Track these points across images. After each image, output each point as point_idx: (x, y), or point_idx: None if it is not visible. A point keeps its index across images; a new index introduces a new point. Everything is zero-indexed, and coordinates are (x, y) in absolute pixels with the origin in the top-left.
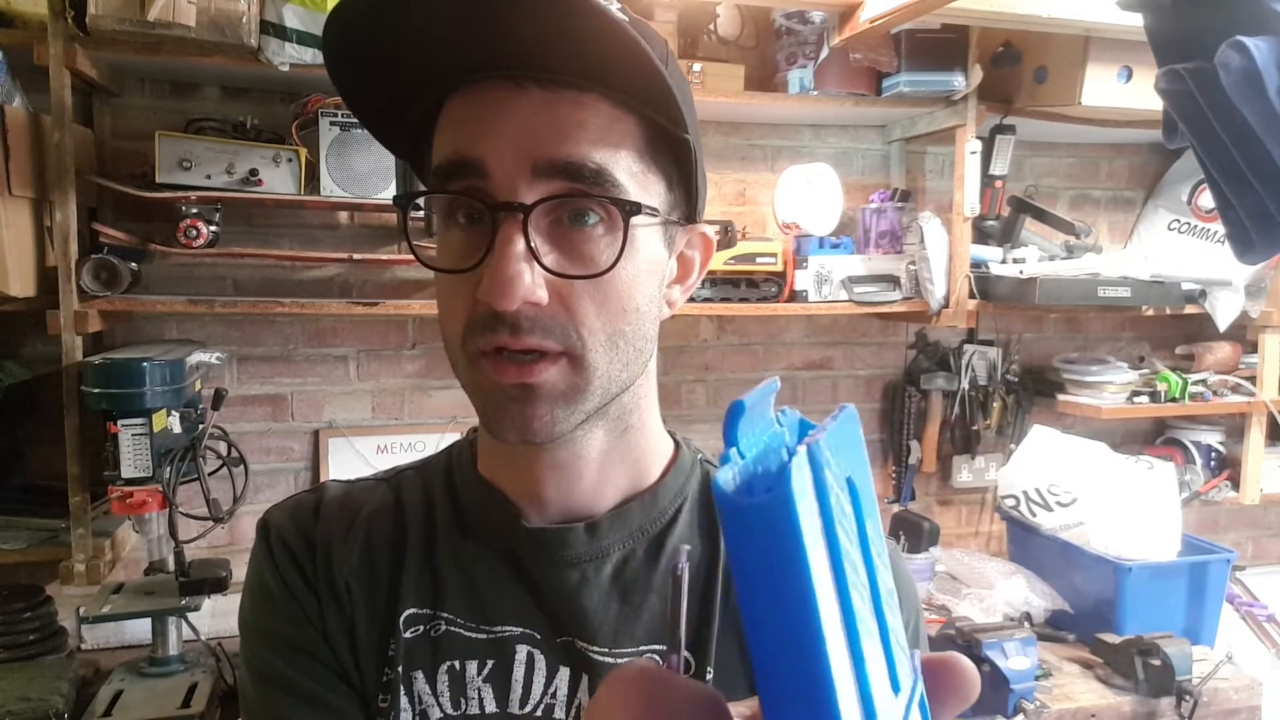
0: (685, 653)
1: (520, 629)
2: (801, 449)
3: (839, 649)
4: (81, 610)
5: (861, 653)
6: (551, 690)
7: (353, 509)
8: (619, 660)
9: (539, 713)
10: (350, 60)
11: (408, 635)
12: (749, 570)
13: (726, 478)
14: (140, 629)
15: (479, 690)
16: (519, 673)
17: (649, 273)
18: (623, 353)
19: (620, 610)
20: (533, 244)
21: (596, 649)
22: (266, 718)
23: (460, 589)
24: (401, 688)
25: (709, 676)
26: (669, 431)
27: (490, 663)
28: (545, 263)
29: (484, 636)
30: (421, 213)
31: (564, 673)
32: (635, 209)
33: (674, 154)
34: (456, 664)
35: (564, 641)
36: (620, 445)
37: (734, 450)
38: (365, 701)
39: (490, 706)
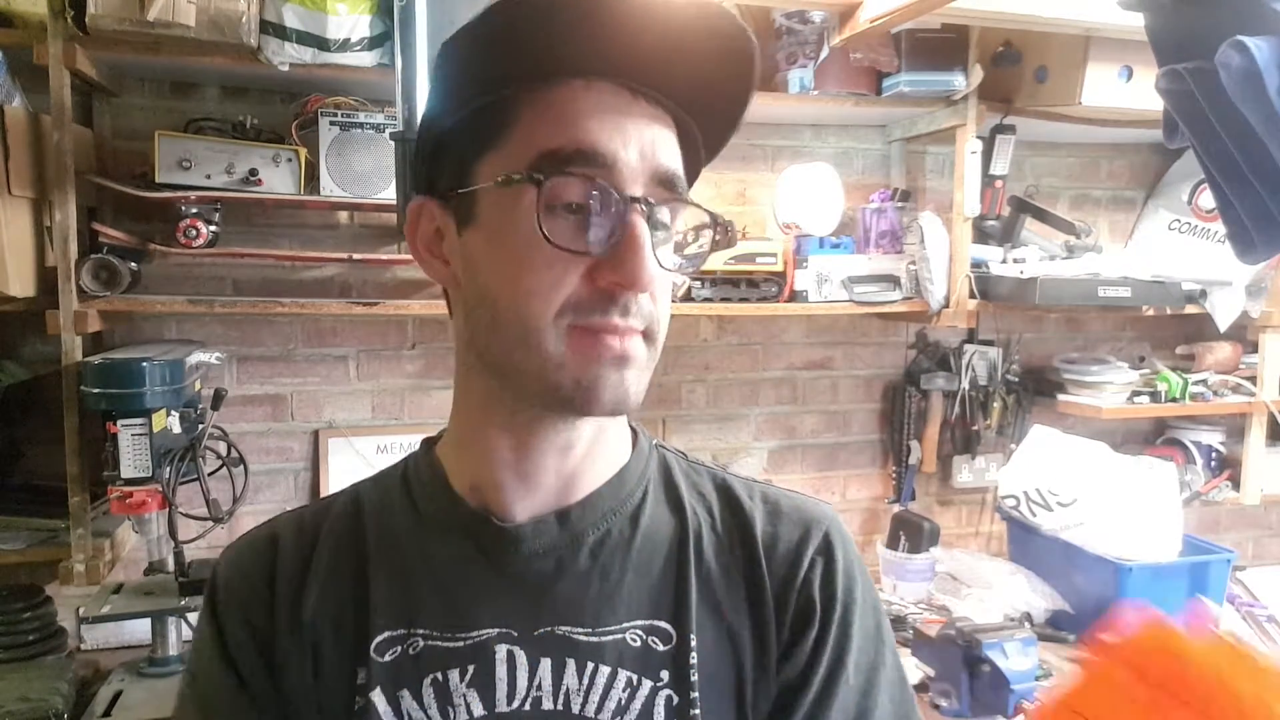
0: (668, 625)
1: (496, 629)
2: None
3: None
4: (81, 610)
5: None
6: (536, 683)
7: (308, 541)
8: (604, 640)
9: (527, 707)
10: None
11: (386, 659)
12: None
13: None
14: (140, 629)
15: (464, 696)
16: (501, 671)
17: None
18: (661, 343)
19: (600, 590)
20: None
21: (581, 631)
22: None
23: (431, 600)
24: (389, 710)
25: (692, 643)
26: (629, 423)
27: (471, 667)
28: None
29: (461, 644)
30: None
31: (546, 664)
32: (727, 225)
33: None
34: (439, 675)
35: (543, 633)
36: (605, 433)
37: None
38: None
39: (478, 709)
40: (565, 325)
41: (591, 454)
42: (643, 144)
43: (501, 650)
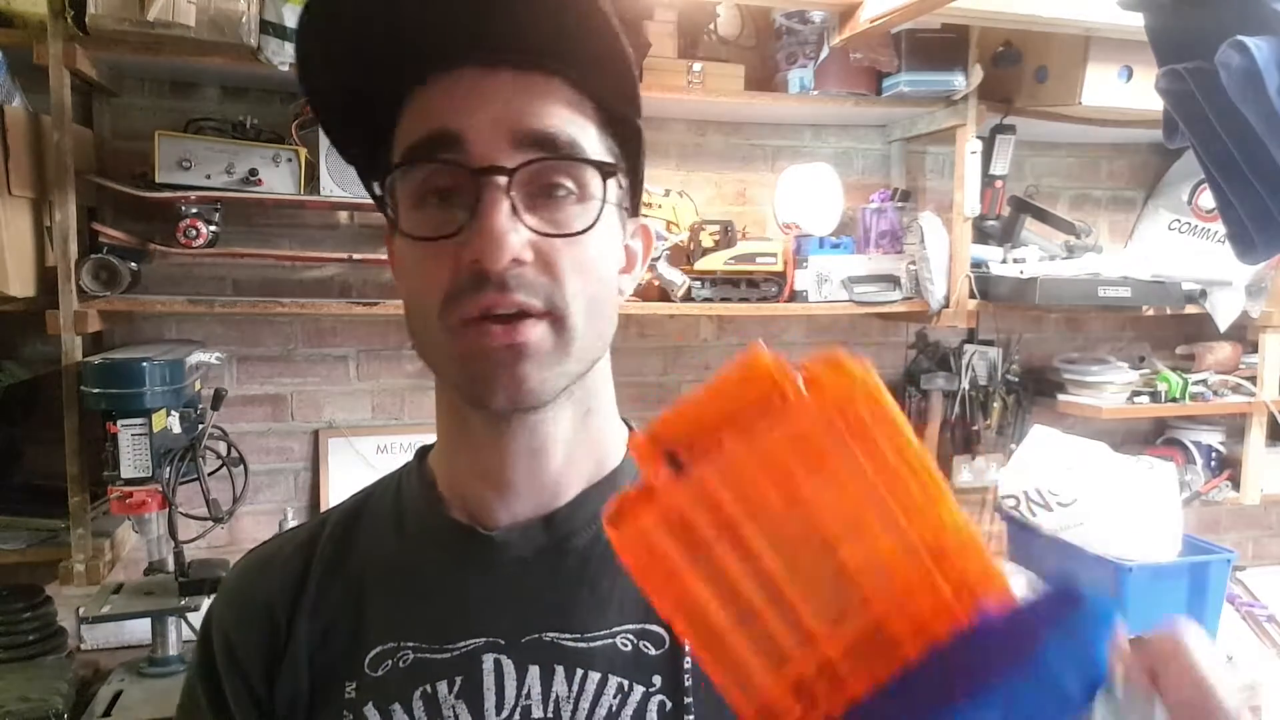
0: (660, 628)
1: (484, 639)
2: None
3: None
4: (81, 610)
5: None
6: (524, 692)
7: (303, 563)
8: (594, 646)
9: (516, 716)
10: (320, 53)
11: (378, 674)
12: None
13: None
14: (140, 629)
15: (453, 708)
16: (489, 682)
17: (612, 248)
18: (596, 321)
19: (589, 595)
20: (516, 206)
21: (569, 637)
22: None
23: (420, 611)
24: None
25: (686, 647)
26: (622, 418)
27: (459, 679)
28: (528, 224)
29: (449, 655)
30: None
31: (534, 671)
32: (612, 170)
33: (623, 143)
34: (429, 687)
35: (531, 640)
36: (584, 430)
37: None
38: None
39: None
40: (455, 319)
41: (574, 455)
42: (499, 111)
43: (489, 660)
